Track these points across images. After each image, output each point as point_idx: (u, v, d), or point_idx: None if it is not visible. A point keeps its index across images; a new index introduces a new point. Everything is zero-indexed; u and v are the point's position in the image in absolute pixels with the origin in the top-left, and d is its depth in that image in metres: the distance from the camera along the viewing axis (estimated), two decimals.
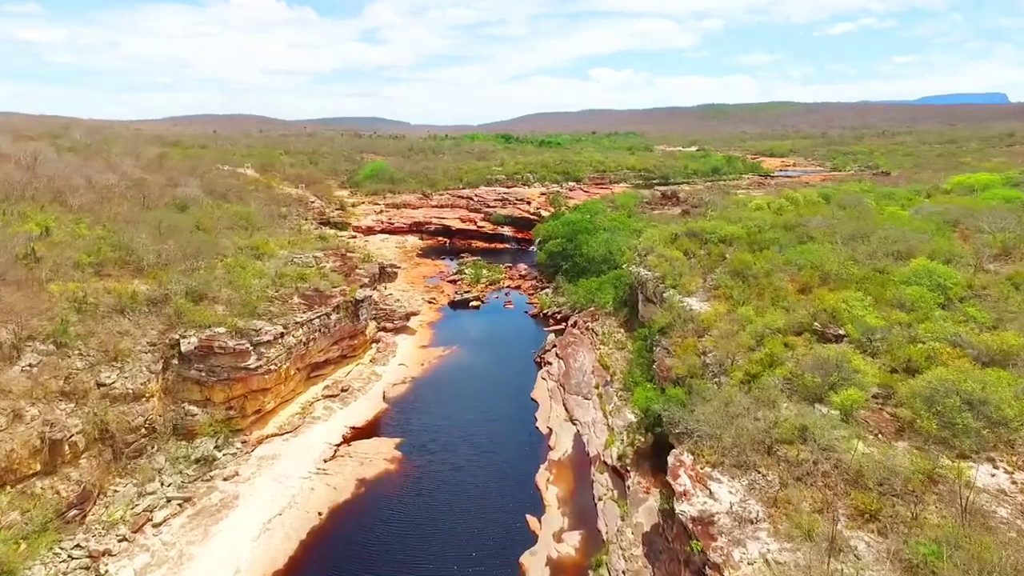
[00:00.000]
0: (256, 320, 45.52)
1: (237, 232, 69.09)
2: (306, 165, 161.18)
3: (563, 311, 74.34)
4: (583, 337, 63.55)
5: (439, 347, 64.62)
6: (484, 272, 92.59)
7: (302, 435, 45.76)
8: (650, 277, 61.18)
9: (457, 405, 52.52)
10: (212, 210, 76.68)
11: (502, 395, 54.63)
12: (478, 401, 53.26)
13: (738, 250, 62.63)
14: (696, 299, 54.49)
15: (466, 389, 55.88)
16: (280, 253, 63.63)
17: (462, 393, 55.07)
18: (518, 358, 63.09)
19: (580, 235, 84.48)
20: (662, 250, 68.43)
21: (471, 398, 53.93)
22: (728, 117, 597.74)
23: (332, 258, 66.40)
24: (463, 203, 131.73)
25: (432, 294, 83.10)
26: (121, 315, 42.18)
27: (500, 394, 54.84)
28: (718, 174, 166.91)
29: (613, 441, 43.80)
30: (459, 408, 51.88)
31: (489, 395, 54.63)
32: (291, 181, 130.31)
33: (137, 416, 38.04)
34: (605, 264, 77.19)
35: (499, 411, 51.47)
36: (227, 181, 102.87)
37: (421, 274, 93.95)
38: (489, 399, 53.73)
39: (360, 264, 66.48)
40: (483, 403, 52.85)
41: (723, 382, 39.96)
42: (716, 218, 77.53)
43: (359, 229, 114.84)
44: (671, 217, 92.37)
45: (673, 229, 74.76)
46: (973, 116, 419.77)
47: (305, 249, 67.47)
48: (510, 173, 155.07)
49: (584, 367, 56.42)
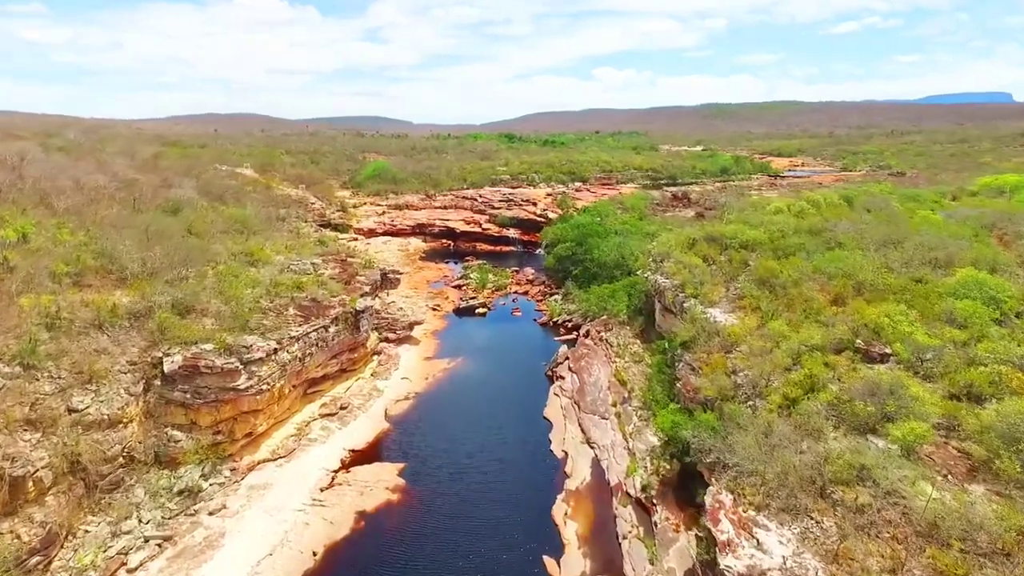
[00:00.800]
0: (247, 335, 41.71)
1: (231, 236, 65.39)
2: (307, 165, 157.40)
3: (574, 319, 70.53)
4: (597, 349, 59.75)
5: (444, 359, 60.81)
6: (490, 277, 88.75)
7: (297, 460, 41.98)
8: (668, 285, 57.42)
9: (464, 425, 48.62)
10: (206, 213, 72.94)
11: (512, 413, 50.72)
12: (487, 420, 49.37)
13: (762, 257, 58.90)
14: (720, 310, 50.75)
15: (473, 406, 51.96)
16: (276, 259, 59.93)
17: (469, 411, 51.14)
18: (528, 371, 59.25)
19: (590, 239, 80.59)
20: (679, 256, 64.58)
21: (479, 416, 50.02)
22: (731, 117, 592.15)
23: (331, 264, 62.70)
24: (467, 204, 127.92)
25: (436, 300, 79.30)
26: (99, 331, 38.43)
27: (510, 412, 50.94)
28: (727, 174, 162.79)
29: (635, 468, 40.00)
30: (466, 428, 47.97)
31: (498, 413, 50.71)
32: (291, 181, 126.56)
33: (113, 444, 34.30)
34: (617, 270, 73.33)
35: (509, 432, 47.59)
36: (224, 182, 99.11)
37: (425, 279, 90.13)
38: (498, 417, 49.84)
39: (361, 270, 62.72)
40: (492, 422, 48.96)
41: (758, 406, 36.20)
42: (734, 222, 73.60)
43: (360, 231, 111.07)
44: (684, 220, 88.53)
45: (690, 233, 70.90)
46: (980, 115, 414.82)
47: (303, 254, 63.75)
48: (515, 173, 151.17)
49: (599, 382, 52.61)
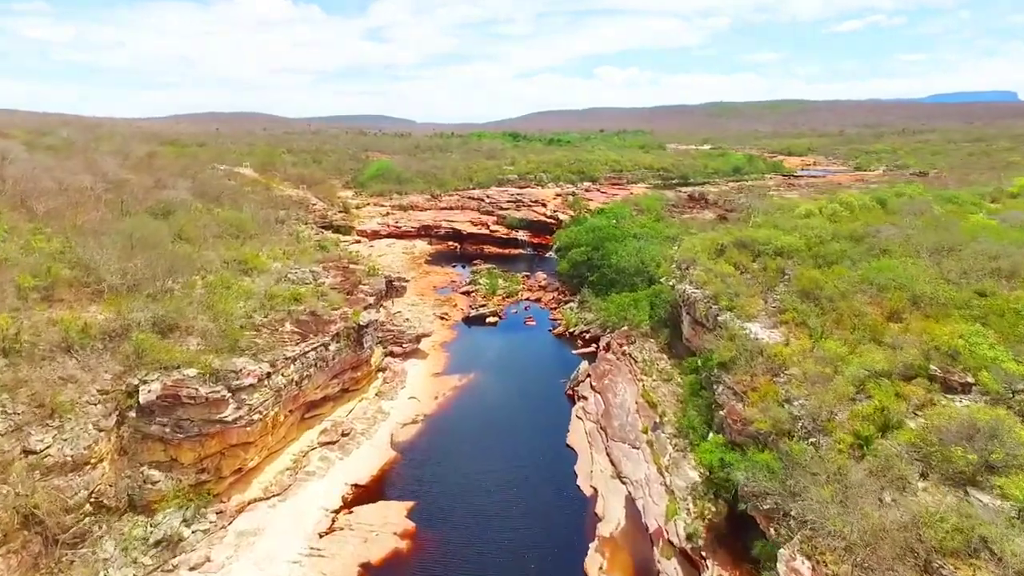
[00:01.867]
0: (237, 357, 36.73)
1: (226, 241, 60.42)
2: (309, 164, 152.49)
3: (592, 330, 65.46)
4: (620, 364, 54.72)
5: (455, 375, 55.76)
6: (500, 282, 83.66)
7: (293, 498, 37.02)
8: (699, 296, 52.32)
9: (479, 454, 43.46)
10: (199, 216, 67.98)
11: (532, 440, 45.62)
12: (504, 448, 44.26)
13: (801, 265, 53.89)
14: (759, 325, 45.65)
15: (488, 431, 46.79)
16: (272, 267, 54.96)
17: (484, 437, 45.96)
18: (546, 389, 54.20)
19: (607, 243, 75.48)
20: (707, 263, 59.53)
21: (495, 444, 44.88)
22: (736, 115, 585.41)
23: (332, 272, 57.74)
24: (474, 205, 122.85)
25: (444, 308, 74.27)
26: (66, 355, 33.50)
27: (529, 439, 45.82)
28: (739, 174, 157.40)
29: (676, 510, 34.98)
30: (481, 458, 42.81)
31: (516, 440, 45.60)
32: (292, 181, 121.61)
33: (78, 490, 29.36)
34: (638, 276, 68.27)
35: (530, 463, 42.45)
36: (221, 182, 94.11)
37: (431, 284, 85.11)
38: (517, 445, 44.75)
39: (364, 279, 57.74)
40: (510, 451, 43.86)
41: (822, 444, 31.23)
42: (763, 225, 68.48)
43: (364, 233, 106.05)
44: (705, 223, 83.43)
45: (717, 238, 65.78)
46: (988, 114, 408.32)
47: (302, 261, 58.79)
48: (522, 173, 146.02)
49: (626, 404, 47.57)
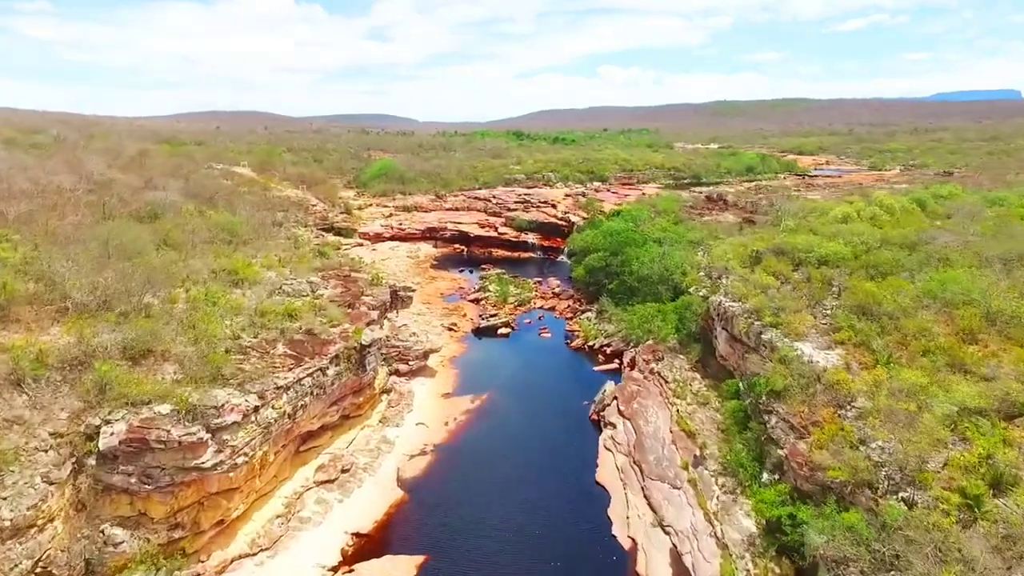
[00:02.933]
0: (220, 388, 31.28)
1: (216, 248, 54.99)
2: (309, 163, 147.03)
3: (614, 343, 59.94)
4: (648, 385, 49.20)
5: (466, 396, 50.24)
6: (511, 289, 78.10)
7: (284, 552, 31.53)
8: (738, 310, 46.80)
9: (496, 494, 37.75)
10: (189, 219, 62.56)
11: (556, 476, 39.91)
12: (525, 487, 38.54)
13: (847, 274, 48.42)
14: (811, 345, 40.18)
15: (506, 465, 41.09)
16: (266, 277, 49.51)
17: (502, 472, 40.20)
18: (568, 413, 48.66)
19: (627, 248, 69.88)
20: (742, 272, 54.04)
21: (515, 481, 39.15)
22: (740, 114, 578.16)
23: (332, 282, 52.28)
24: (480, 205, 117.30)
25: (452, 318, 68.73)
26: (16, 390, 28.11)
27: (554, 474, 40.09)
28: (752, 173, 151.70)
29: (732, 571, 29.49)
30: (500, 500, 37.15)
31: (539, 476, 39.86)
32: (291, 181, 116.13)
33: (20, 560, 23.96)
34: (662, 285, 62.66)
35: (556, 505, 36.85)
36: (216, 182, 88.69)
37: (438, 291, 79.58)
38: (540, 483, 39.06)
39: (367, 289, 52.29)
40: (533, 490, 38.18)
41: (917, 501, 25.80)
42: (798, 230, 62.92)
43: (366, 236, 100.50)
44: (730, 226, 77.78)
45: (750, 244, 60.26)
46: (995, 112, 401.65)
47: (299, 270, 53.34)
48: (529, 172, 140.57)
49: (660, 434, 42.02)
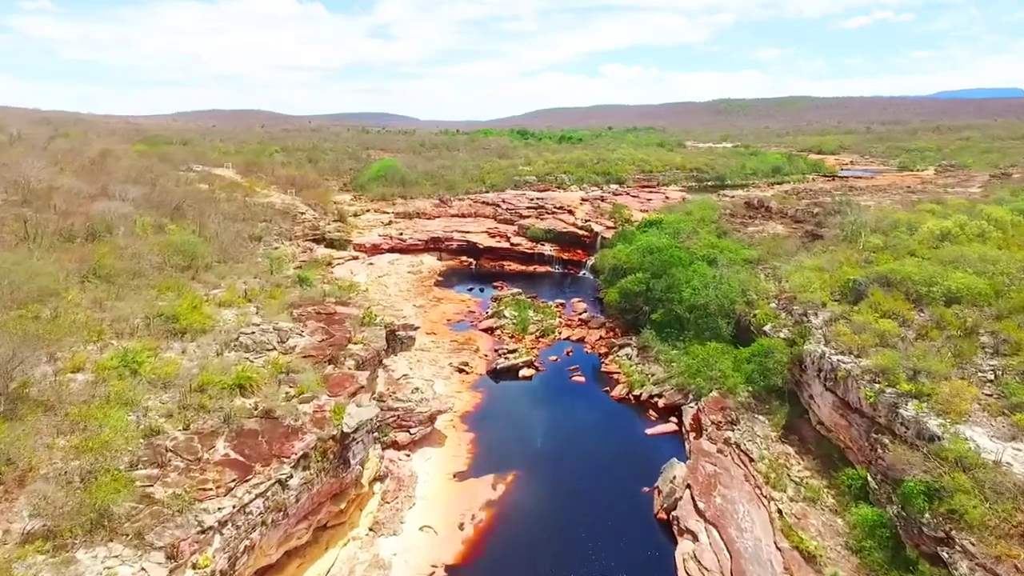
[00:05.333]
0: (100, 547, 18.73)
1: (164, 279, 42.31)
2: (303, 164, 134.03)
3: (666, 394, 47.27)
4: (727, 463, 36.50)
5: (486, 476, 37.41)
6: (530, 314, 65.29)
7: None
8: (853, 368, 34.23)
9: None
10: (139, 238, 49.94)
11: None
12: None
13: (993, 318, 35.97)
14: (984, 433, 27.82)
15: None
16: (221, 321, 36.84)
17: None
18: (625, 502, 35.81)
19: (672, 269, 57.08)
20: (835, 307, 41.43)
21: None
22: (745, 112, 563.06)
23: (310, 324, 39.58)
24: (489, 211, 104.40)
25: (463, 354, 56.01)
26: None
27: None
28: (780, 174, 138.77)
29: None
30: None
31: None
32: (280, 184, 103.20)
33: None
34: (722, 318, 50.06)
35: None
36: (187, 188, 75.86)
37: (444, 316, 66.81)
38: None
39: (356, 332, 39.65)
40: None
41: None
42: (888, 250, 50.15)
43: (362, 248, 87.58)
44: (781, 237, 64.82)
45: (835, 268, 47.58)
46: (1008, 111, 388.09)
47: (268, 309, 40.58)
48: (540, 174, 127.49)
49: (764, 554, 29.26)
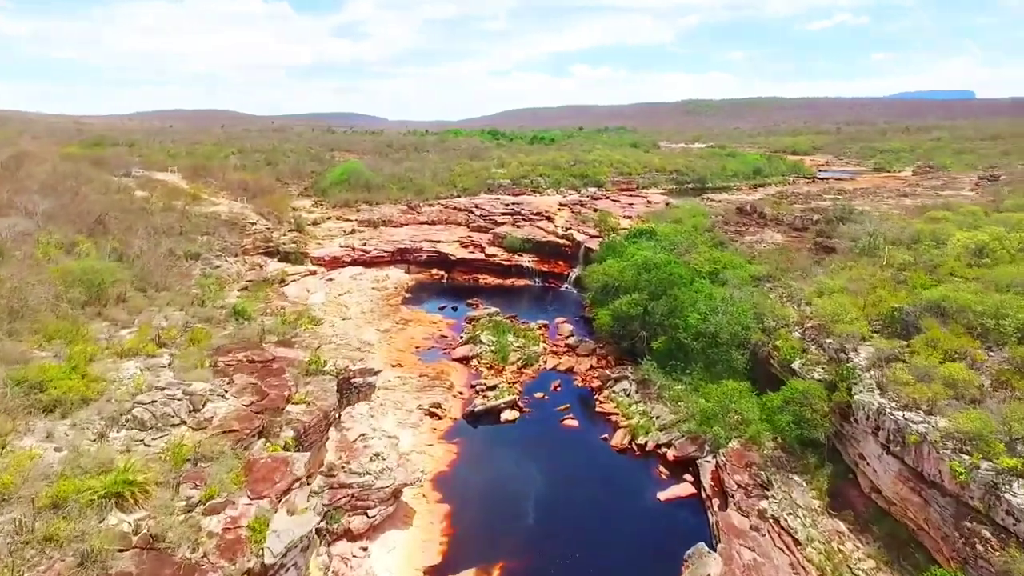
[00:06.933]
0: None
1: (55, 320, 33.01)
2: (260, 167, 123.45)
3: (676, 443, 39.57)
4: (767, 546, 28.97)
5: (465, 573, 29.20)
6: (510, 339, 57.16)
7: None
8: (930, 431, 26.89)
9: None
10: (39, 263, 40.32)
11: None
12: None
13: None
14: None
15: None
16: (117, 378, 27.82)
17: None
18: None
19: (674, 289, 49.55)
20: (884, 344, 34.24)
21: None
22: (713, 113, 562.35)
23: (239, 379, 30.68)
24: (461, 218, 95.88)
25: (434, 392, 47.54)
26: None
27: None
28: (760, 176, 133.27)
29: None
30: None
31: None
32: (231, 190, 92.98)
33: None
34: (736, 348, 42.70)
35: None
36: (116, 198, 65.71)
37: (412, 343, 58.15)
38: None
39: (299, 389, 31.01)
40: None
41: None
42: (928, 269, 43.44)
43: (321, 261, 78.20)
44: (787, 250, 58.03)
45: (880, 297, 40.51)
46: (971, 111, 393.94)
47: (186, 358, 31.59)
48: (515, 177, 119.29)
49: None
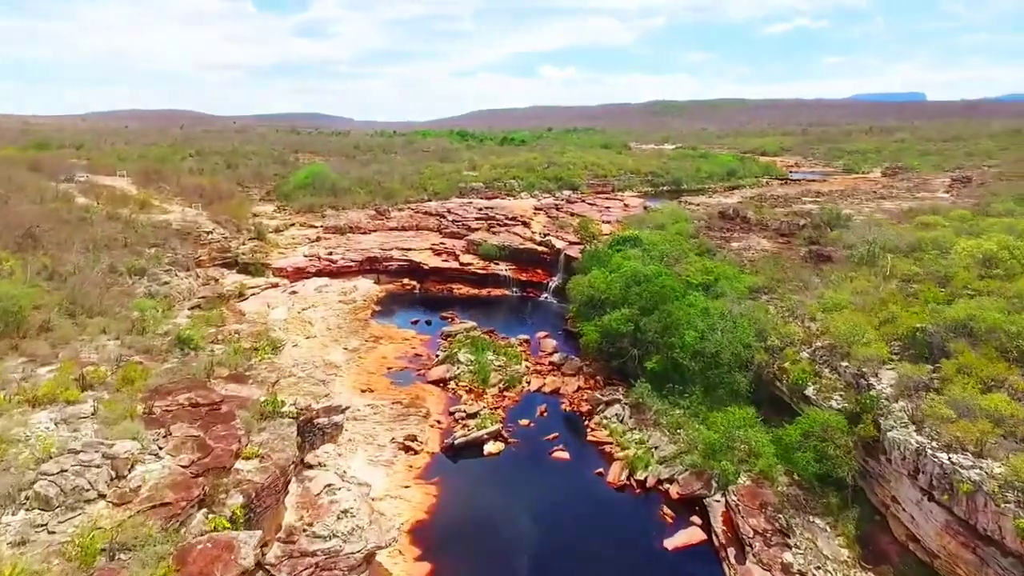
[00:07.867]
0: None
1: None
2: (220, 170, 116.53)
3: (679, 479, 35.72)
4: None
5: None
6: (490, 357, 52.75)
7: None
8: (984, 480, 23.37)
9: None
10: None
11: None
12: None
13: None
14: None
15: None
16: (23, 436, 22.54)
17: None
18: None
19: (666, 304, 45.80)
20: (911, 370, 30.91)
21: None
22: (679, 114, 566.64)
23: (178, 429, 25.56)
24: (433, 223, 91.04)
25: (408, 422, 42.78)
26: None
27: None
28: (734, 177, 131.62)
29: None
30: None
31: None
32: (186, 196, 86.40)
33: None
34: (741, 371, 39.13)
35: None
36: (53, 207, 59.09)
37: (383, 363, 53.20)
38: None
39: (251, 438, 26.10)
40: None
41: None
42: (936, 280, 40.63)
43: (283, 272, 72.45)
44: (780, 258, 55.04)
45: (872, 304, 37.29)
46: (924, 113, 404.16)
47: (113, 406, 26.33)
48: (488, 180, 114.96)
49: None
